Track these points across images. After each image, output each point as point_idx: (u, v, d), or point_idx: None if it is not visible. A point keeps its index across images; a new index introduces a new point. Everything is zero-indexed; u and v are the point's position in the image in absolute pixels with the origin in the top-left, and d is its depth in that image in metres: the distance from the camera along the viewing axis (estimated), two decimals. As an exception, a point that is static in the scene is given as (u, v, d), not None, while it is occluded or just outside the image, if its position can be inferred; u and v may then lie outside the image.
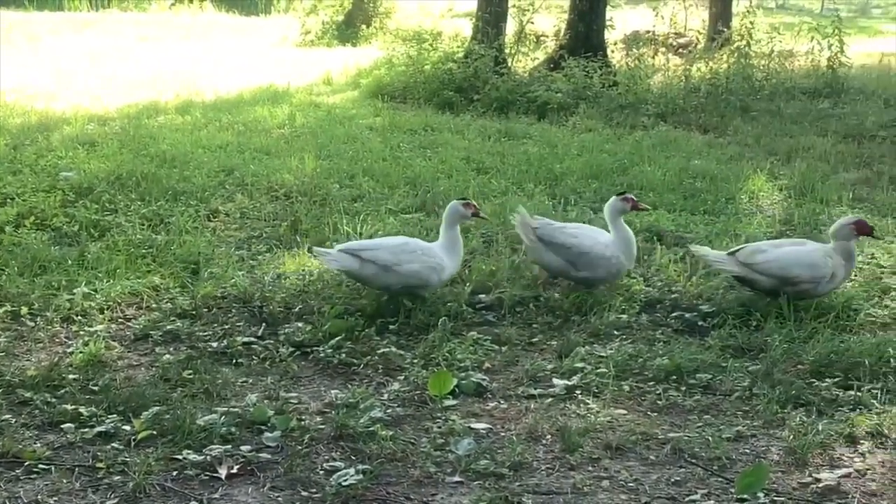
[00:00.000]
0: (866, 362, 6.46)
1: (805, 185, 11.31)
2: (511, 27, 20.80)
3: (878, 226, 9.68)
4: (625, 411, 5.95)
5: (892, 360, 6.54)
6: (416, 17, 30.69)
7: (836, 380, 6.32)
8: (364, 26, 28.95)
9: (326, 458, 5.31)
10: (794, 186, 11.36)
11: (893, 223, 9.88)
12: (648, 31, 23.62)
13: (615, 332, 7.17)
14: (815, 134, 14.67)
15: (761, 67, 18.99)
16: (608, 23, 20.24)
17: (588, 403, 6.01)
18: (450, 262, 7.55)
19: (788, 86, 18.41)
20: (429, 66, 18.39)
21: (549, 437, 5.60)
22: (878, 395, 6.08)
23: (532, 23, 21.01)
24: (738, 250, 7.63)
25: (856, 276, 8.33)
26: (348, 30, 28.89)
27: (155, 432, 5.45)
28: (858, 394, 6.10)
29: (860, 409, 5.92)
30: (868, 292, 7.95)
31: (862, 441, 5.59)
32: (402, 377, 6.33)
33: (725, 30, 22.36)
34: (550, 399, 6.07)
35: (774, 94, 17.77)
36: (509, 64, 18.93)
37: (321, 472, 5.13)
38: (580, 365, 6.49)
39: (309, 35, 28.49)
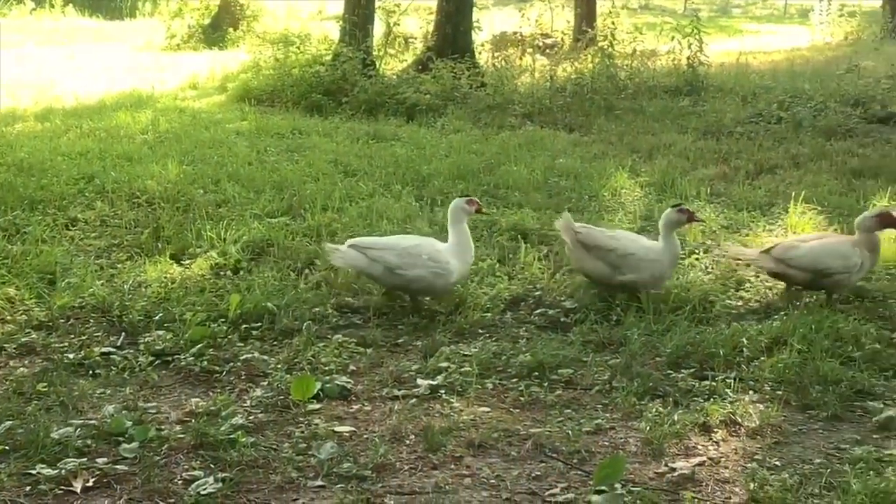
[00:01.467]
0: (721, 352, 6.65)
1: (665, 181, 11.57)
2: (379, 29, 20.80)
3: (734, 219, 10.02)
4: (488, 409, 6.01)
5: (745, 349, 6.74)
6: (285, 20, 30.49)
7: (692, 370, 6.50)
8: (231, 29, 28.67)
9: (186, 467, 5.23)
10: (655, 183, 11.60)
11: (748, 216, 10.18)
12: (515, 33, 23.89)
13: (480, 331, 7.24)
14: (675, 131, 15.01)
15: (625, 67, 19.35)
16: (475, 24, 20.42)
17: (452, 402, 6.05)
18: (459, 263, 7.56)
19: (651, 84, 18.77)
20: (297, 69, 18.28)
21: (412, 437, 5.62)
22: (732, 384, 6.25)
23: (398, 25, 21.05)
24: (772, 248, 7.89)
25: (712, 268, 8.58)
26: (215, 33, 28.57)
27: (7, 447, 5.30)
28: (713, 383, 6.26)
29: (714, 398, 6.08)
30: (724, 284, 8.18)
31: (716, 430, 5.73)
32: (266, 383, 6.28)
33: (590, 30, 22.74)
34: (414, 399, 6.09)
35: (637, 92, 18.10)
36: (378, 66, 18.93)
37: (180, 482, 5.06)
38: (444, 364, 6.53)
39: (175, 39, 28.10)
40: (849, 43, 28.69)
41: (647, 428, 5.66)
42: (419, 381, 6.31)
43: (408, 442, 5.58)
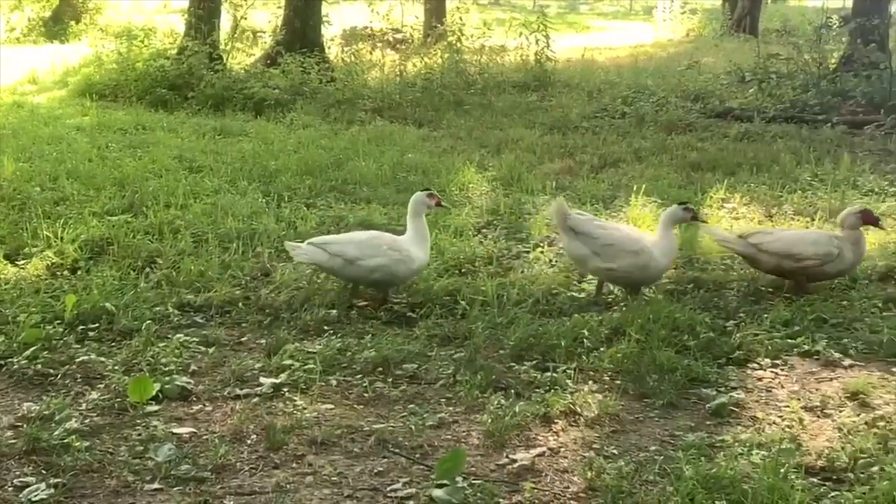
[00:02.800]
0: (562, 344, 6.76)
1: (512, 176, 11.70)
2: (226, 23, 20.50)
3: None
4: (332, 406, 5.98)
5: (586, 340, 6.86)
6: (128, 14, 29.81)
7: (535, 362, 6.59)
8: (73, 22, 27.87)
9: (17, 473, 5.06)
10: (503, 177, 11.73)
11: (592, 209, 10.36)
12: (366, 27, 23.86)
13: (325, 328, 7.20)
14: (523, 126, 15.20)
15: (474, 62, 19.52)
16: (324, 19, 20.31)
17: (295, 400, 6.00)
18: (419, 252, 7.66)
19: (500, 80, 19.00)
20: (141, 63, 17.90)
21: (253, 437, 5.55)
22: (573, 374, 6.36)
23: (246, 18, 20.81)
24: (749, 234, 8.18)
25: (556, 262, 8.71)
26: (56, 26, 27.77)
27: None
28: (554, 375, 6.35)
29: (556, 389, 6.16)
30: (568, 277, 8.31)
31: (556, 420, 5.82)
32: (103, 385, 6.12)
33: (439, 26, 22.87)
34: (257, 398, 6.02)
35: (486, 88, 18.32)
36: (225, 60, 18.65)
37: (10, 489, 4.89)
38: (289, 362, 6.46)
39: (14, 32, 27.19)
40: (690, 40, 29.57)
41: (489, 421, 5.71)
42: (262, 380, 6.24)
43: (249, 442, 5.51)
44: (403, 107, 16.54)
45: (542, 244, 9.18)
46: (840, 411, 5.98)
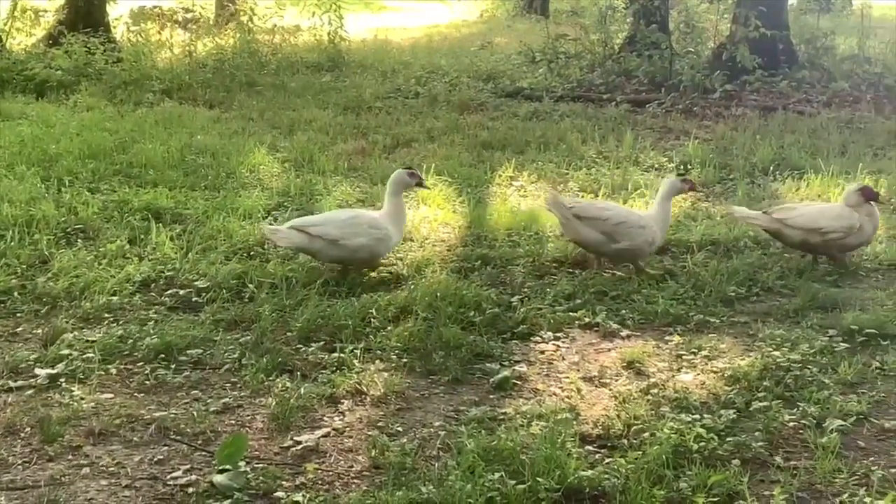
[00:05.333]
0: (350, 324, 6.76)
1: (304, 157, 11.61)
2: (5, 1, 19.61)
3: (370, 193, 10.21)
4: (111, 395, 5.82)
5: (373, 320, 6.88)
6: None
7: (322, 343, 6.57)
8: None
9: None
10: (294, 158, 11.62)
11: (383, 190, 10.37)
12: (155, 7, 23.21)
13: (106, 315, 6.99)
14: (316, 107, 15.10)
15: (267, 42, 19.28)
16: (110, -3, 19.67)
17: (73, 391, 5.81)
18: (395, 231, 7.81)
19: (293, 60, 18.83)
20: None
21: (27, 430, 5.35)
22: (360, 354, 6.37)
23: (28, -4, 19.95)
24: (774, 210, 8.33)
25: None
26: None
27: None
28: (342, 355, 6.35)
29: (342, 369, 6.17)
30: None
31: (342, 400, 5.83)
32: None
33: (231, 5, 22.47)
34: (31, 390, 5.81)
35: (280, 68, 18.11)
36: (3, 41, 17.84)
37: None
38: (66, 352, 6.27)
39: None
40: (484, 20, 30.00)
41: (274, 403, 5.67)
42: (37, 371, 6.02)
43: (23, 435, 5.31)
44: (194, 88, 16.17)
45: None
46: (616, 380, 6.19)
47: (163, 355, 6.32)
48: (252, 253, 8.34)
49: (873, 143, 13.02)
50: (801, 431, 5.49)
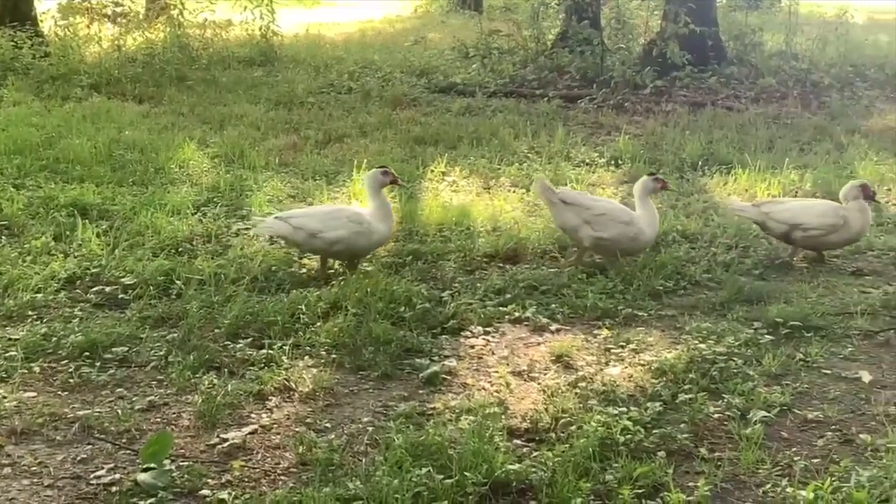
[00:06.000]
0: (279, 320, 6.72)
1: (234, 152, 11.51)
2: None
3: (301, 188, 10.16)
4: (34, 393, 5.75)
5: (302, 316, 6.85)
6: None
7: (251, 340, 6.53)
8: None
9: None
10: (225, 154, 11.52)
11: (314, 185, 10.36)
12: (84, 1, 22.82)
13: (30, 313, 6.89)
14: (248, 102, 14.98)
15: (198, 37, 19.07)
16: (37, -9, 19.34)
17: (-6, 390, 5.72)
18: (381, 226, 7.82)
19: (225, 55, 18.65)
20: None
21: (-53, 431, 5.26)
22: (288, 351, 6.34)
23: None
24: (762, 202, 8.66)
25: (277, 239, 8.61)
26: None
27: None
28: (270, 352, 6.31)
29: (271, 366, 6.13)
30: (288, 253, 8.25)
31: (270, 397, 5.80)
32: None
33: (161, -1, 22.20)
34: (-49, 390, 5.70)
35: (211, 63, 17.93)
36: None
37: None
38: (-13, 351, 6.16)
39: None
40: (418, 16, 29.93)
41: (201, 401, 5.62)
42: (-42, 371, 5.92)
43: (-59, 436, 5.21)
44: (123, 83, 15.94)
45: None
46: (545, 374, 6.22)
47: (87, 353, 6.24)
48: (180, 249, 8.27)
49: (800, 138, 13.22)
50: (725, 423, 5.56)
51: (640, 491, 4.80)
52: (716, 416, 5.63)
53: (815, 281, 8.01)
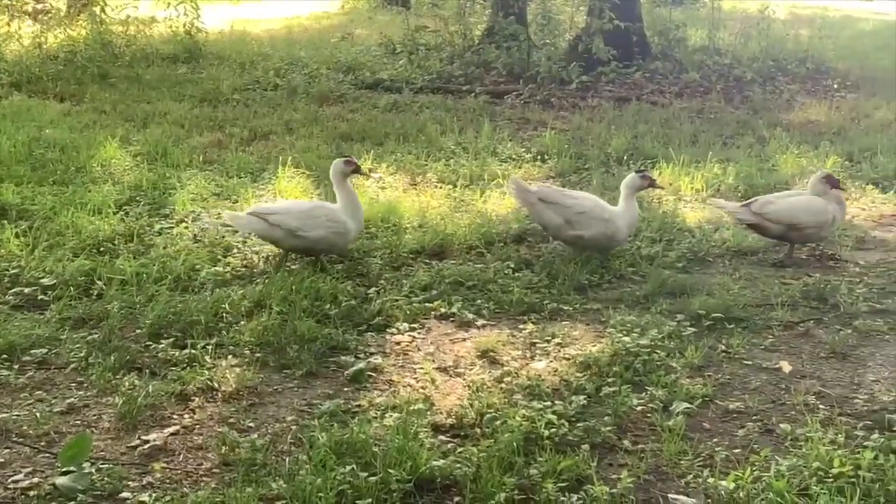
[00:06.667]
0: (202, 320, 6.65)
1: (157, 150, 11.35)
2: None
3: (225, 186, 10.05)
4: (-50, 398, 5.62)
5: (226, 315, 6.79)
6: None
7: (173, 340, 6.45)
8: None
9: None
10: (148, 152, 11.36)
11: (239, 182, 10.26)
12: (2, -3, 22.43)
13: (-56, 316, 6.74)
14: (172, 99, 14.80)
15: (121, 34, 18.81)
16: (-46, -13, 18.95)
17: None
18: (353, 222, 7.87)
19: (149, 52, 18.41)
20: None
21: None
22: (212, 350, 6.27)
23: None
24: (751, 202, 8.51)
25: (201, 237, 8.54)
26: None
27: None
28: (193, 351, 6.25)
29: (194, 366, 6.07)
30: (212, 252, 8.18)
31: (193, 398, 5.73)
32: None
33: (82, -5, 21.85)
34: None
35: (134, 60, 17.69)
36: None
37: None
38: None
39: None
40: (345, 12, 29.81)
41: (121, 402, 5.54)
42: None
43: None
44: (44, 81, 15.65)
45: (186, 219, 8.97)
46: (471, 370, 6.23)
47: (5, 356, 6.14)
48: (101, 249, 8.14)
49: (722, 132, 13.38)
50: (649, 415, 5.61)
51: (563, 484, 4.83)
52: (639, 408, 5.67)
53: (738, 273, 8.11)
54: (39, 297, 7.16)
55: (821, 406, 5.80)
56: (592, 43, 16.64)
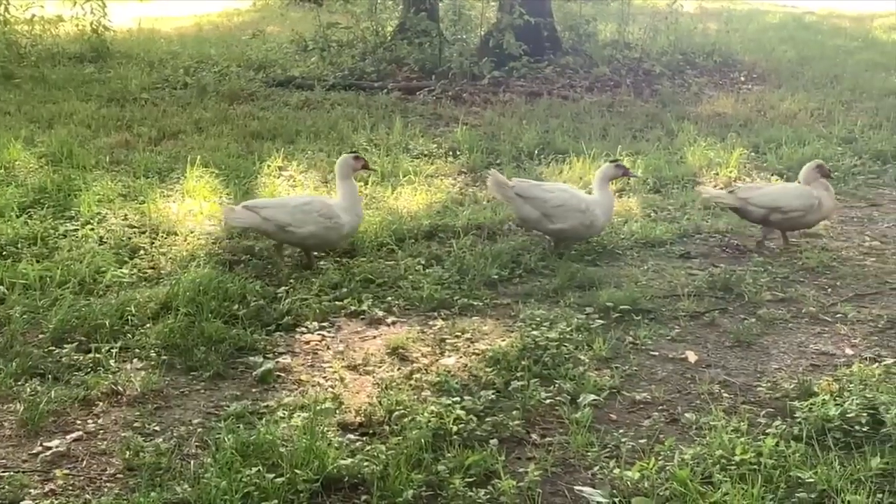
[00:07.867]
0: (107, 323, 6.55)
1: (63, 152, 11.13)
2: None
3: (133, 187, 9.90)
4: None
5: (132, 318, 6.69)
6: None
7: (77, 344, 6.35)
8: None
9: None
10: (53, 153, 11.13)
11: (147, 183, 10.12)
12: None
13: None
14: (79, 99, 14.52)
15: (26, 33, 18.43)
16: None
17: None
18: (349, 218, 7.84)
19: (55, 51, 18.06)
20: None
21: None
22: (116, 353, 6.19)
23: None
24: (736, 189, 8.82)
25: (107, 239, 8.40)
26: None
27: None
28: (97, 356, 6.16)
29: (98, 370, 5.98)
30: (118, 254, 8.06)
31: (97, 402, 5.65)
32: None
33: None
34: None
35: (40, 60, 17.34)
36: None
37: None
38: None
39: None
40: (257, 9, 29.53)
41: (23, 409, 5.43)
42: None
43: None
44: None
45: (91, 221, 8.82)
46: (380, 367, 6.22)
47: None
48: (4, 253, 7.97)
49: (632, 125, 13.53)
50: (556, 408, 5.66)
51: (471, 479, 4.85)
52: (547, 401, 5.71)
53: (645, 265, 8.21)
54: (-65, 305, 7.00)
55: (725, 395, 5.90)
56: (504, 38, 16.68)
